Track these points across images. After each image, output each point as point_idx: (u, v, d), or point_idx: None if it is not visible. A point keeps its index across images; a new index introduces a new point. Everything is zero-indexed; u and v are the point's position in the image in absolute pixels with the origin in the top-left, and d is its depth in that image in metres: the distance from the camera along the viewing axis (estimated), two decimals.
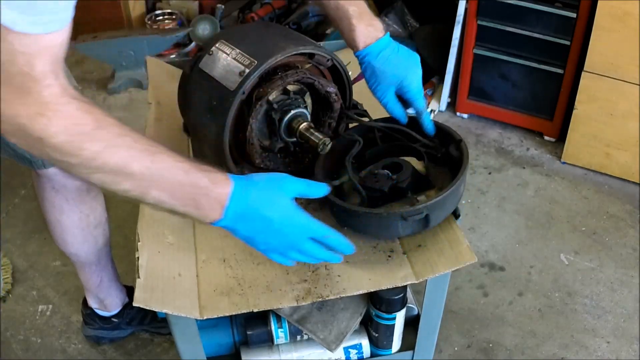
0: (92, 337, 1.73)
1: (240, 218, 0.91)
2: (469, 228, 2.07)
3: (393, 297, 1.21)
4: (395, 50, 1.18)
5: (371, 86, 1.21)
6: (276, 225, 0.92)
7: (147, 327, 1.75)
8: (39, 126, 0.77)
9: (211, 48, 1.16)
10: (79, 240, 1.49)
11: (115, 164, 0.83)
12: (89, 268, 1.58)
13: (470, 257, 1.06)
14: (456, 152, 1.15)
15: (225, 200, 0.89)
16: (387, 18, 2.79)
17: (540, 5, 2.16)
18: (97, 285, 1.62)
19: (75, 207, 1.43)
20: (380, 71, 1.17)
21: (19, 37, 0.73)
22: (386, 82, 1.18)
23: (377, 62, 1.17)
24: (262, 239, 0.94)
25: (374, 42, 1.17)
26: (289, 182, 0.95)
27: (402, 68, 1.17)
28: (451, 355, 1.72)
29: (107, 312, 1.70)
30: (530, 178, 2.28)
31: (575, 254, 1.99)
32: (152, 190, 0.86)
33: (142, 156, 0.84)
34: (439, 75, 2.59)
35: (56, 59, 0.78)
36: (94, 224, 1.48)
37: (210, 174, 0.89)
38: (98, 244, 1.52)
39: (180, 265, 1.11)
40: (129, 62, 2.69)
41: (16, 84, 0.75)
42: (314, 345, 1.28)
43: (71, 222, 1.45)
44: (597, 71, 2.09)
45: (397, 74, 1.17)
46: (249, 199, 0.90)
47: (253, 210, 0.91)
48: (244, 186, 0.90)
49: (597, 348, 1.74)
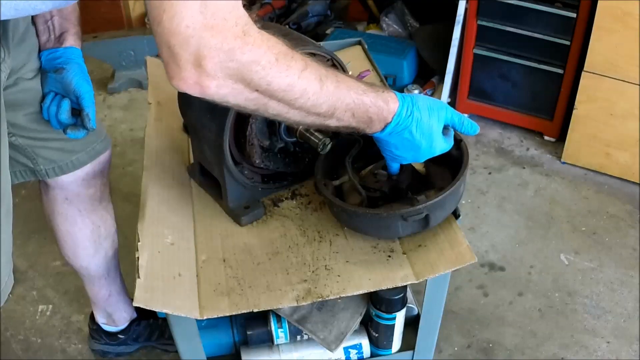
0: (98, 351, 1.72)
1: (394, 133, 1.00)
2: (469, 228, 2.07)
3: (393, 297, 1.21)
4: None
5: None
6: (417, 143, 1.02)
7: (154, 343, 1.73)
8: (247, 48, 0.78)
9: None
10: (89, 253, 1.48)
11: (312, 82, 0.87)
12: (98, 281, 1.56)
13: (470, 257, 1.06)
14: (456, 152, 1.15)
15: (390, 118, 0.98)
16: (387, 18, 2.79)
17: (540, 5, 2.16)
18: (105, 299, 1.61)
19: (87, 218, 1.42)
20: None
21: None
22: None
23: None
24: (401, 152, 1.05)
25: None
26: (446, 111, 1.04)
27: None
28: (451, 355, 1.72)
29: (114, 327, 1.68)
30: (530, 178, 2.28)
31: (575, 254, 1.99)
32: (337, 110, 0.92)
33: (330, 75, 0.90)
34: (439, 75, 2.60)
35: None
36: (104, 235, 1.47)
37: (383, 94, 0.97)
38: (108, 256, 1.52)
39: (180, 265, 1.11)
40: (129, 62, 2.70)
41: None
42: (314, 345, 1.28)
43: (83, 234, 1.44)
44: (597, 71, 2.09)
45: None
46: (408, 119, 0.99)
47: (405, 129, 1.00)
48: (408, 107, 0.99)
49: (597, 348, 1.74)
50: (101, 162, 1.37)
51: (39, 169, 1.28)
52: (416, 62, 2.66)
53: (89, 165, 1.34)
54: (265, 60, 0.80)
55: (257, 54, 0.79)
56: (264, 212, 1.23)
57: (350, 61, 1.60)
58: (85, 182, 1.36)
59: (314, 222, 1.21)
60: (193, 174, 1.31)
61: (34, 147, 1.24)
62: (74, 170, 1.32)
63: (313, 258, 1.13)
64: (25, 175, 1.29)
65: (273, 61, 0.80)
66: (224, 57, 0.76)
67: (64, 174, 1.32)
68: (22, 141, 1.22)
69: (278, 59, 0.81)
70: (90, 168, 1.35)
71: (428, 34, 2.67)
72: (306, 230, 1.19)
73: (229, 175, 1.17)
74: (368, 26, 2.92)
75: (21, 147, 1.23)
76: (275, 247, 1.16)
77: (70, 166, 1.31)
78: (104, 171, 1.40)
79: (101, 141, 1.35)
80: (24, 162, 1.26)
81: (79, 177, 1.34)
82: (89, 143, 1.31)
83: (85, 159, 1.32)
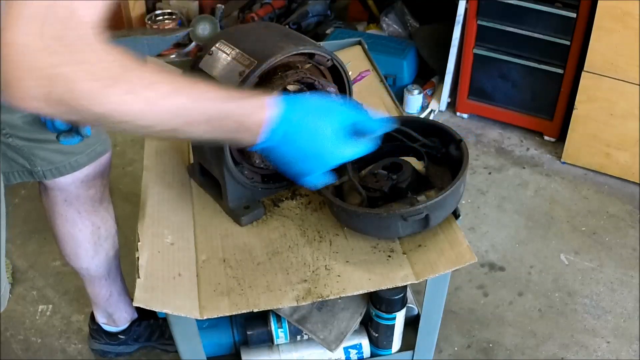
0: (98, 350, 1.72)
1: (277, 142, 0.87)
2: (469, 228, 2.07)
3: (393, 297, 1.21)
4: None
5: None
6: (308, 152, 0.90)
7: (154, 343, 1.73)
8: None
9: (211, 48, 1.16)
10: (90, 254, 1.47)
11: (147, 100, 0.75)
12: (98, 282, 1.56)
13: (470, 257, 1.06)
14: (456, 152, 1.15)
15: (264, 126, 0.85)
16: (387, 18, 2.79)
17: (540, 5, 2.16)
18: (106, 299, 1.60)
19: (87, 219, 1.41)
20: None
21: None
22: None
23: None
24: (295, 163, 0.91)
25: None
26: (342, 113, 0.90)
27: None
28: (451, 355, 1.72)
29: (115, 327, 1.68)
30: (530, 178, 2.28)
31: (575, 254, 1.99)
32: (186, 124, 0.79)
33: (180, 88, 0.78)
34: (439, 75, 2.60)
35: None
36: (104, 235, 1.47)
37: (251, 100, 0.85)
38: (109, 257, 1.51)
39: (180, 265, 1.11)
40: None
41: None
42: (314, 345, 1.28)
43: (83, 235, 1.43)
44: (597, 71, 2.09)
45: None
46: (289, 125, 0.87)
47: (288, 136, 0.87)
48: (288, 112, 0.86)
49: (597, 348, 1.74)
50: (101, 164, 1.36)
51: (36, 171, 1.27)
52: (416, 62, 2.66)
53: (89, 166, 1.33)
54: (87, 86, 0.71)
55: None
56: (264, 212, 1.23)
57: (350, 61, 1.60)
58: (85, 183, 1.36)
59: (314, 222, 1.21)
60: (193, 174, 1.31)
61: (31, 148, 1.23)
62: (72, 172, 1.31)
63: (313, 258, 1.13)
64: (23, 175, 1.28)
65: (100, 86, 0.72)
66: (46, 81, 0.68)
67: (62, 176, 1.31)
68: (19, 142, 1.21)
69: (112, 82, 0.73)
70: (90, 170, 1.34)
71: (428, 34, 2.67)
72: (306, 230, 1.19)
73: (229, 175, 1.17)
74: (368, 26, 2.92)
75: (18, 147, 1.22)
76: (275, 247, 1.16)
77: (68, 168, 1.30)
78: (104, 172, 1.39)
79: (101, 143, 1.34)
80: (22, 162, 1.25)
81: (78, 178, 1.34)
82: (89, 145, 1.30)
83: (84, 160, 1.32)
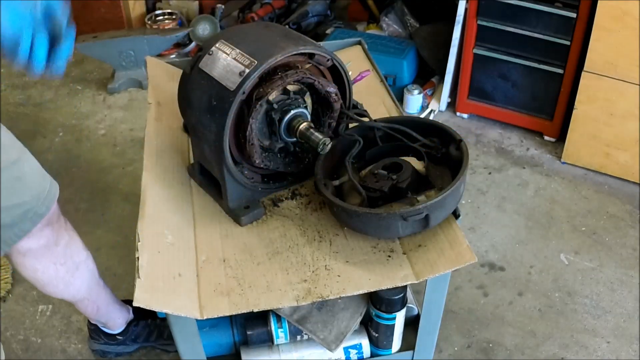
0: (97, 351, 1.71)
1: None
2: (469, 228, 2.06)
3: (393, 297, 1.22)
4: None
5: None
6: None
7: (153, 343, 1.72)
8: None
9: (211, 48, 1.16)
10: (61, 288, 1.41)
11: None
12: (81, 303, 1.52)
13: (470, 257, 1.06)
14: (456, 152, 1.15)
15: None
16: (387, 18, 2.79)
17: (540, 5, 2.16)
18: (95, 313, 1.58)
19: (47, 262, 1.33)
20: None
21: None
22: None
23: None
24: None
25: None
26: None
27: None
28: (451, 355, 1.72)
29: (111, 330, 1.67)
30: (530, 178, 2.28)
31: (575, 254, 1.99)
32: None
33: None
34: (439, 75, 2.60)
35: None
36: (72, 268, 1.39)
37: None
38: (85, 282, 1.45)
39: (180, 265, 1.11)
40: (129, 62, 2.69)
41: None
42: (314, 345, 1.28)
43: (48, 276, 1.36)
44: (597, 71, 2.09)
45: None
46: None
47: None
48: None
49: (597, 348, 1.74)
50: (46, 217, 1.25)
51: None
52: (416, 62, 2.66)
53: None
54: None
55: None
56: (264, 212, 1.23)
57: (350, 61, 1.60)
58: (33, 239, 1.27)
59: (314, 222, 1.21)
60: (193, 174, 1.31)
61: None
62: (17, 242, 1.22)
63: (313, 258, 1.13)
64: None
65: None
66: None
67: (8, 248, 1.22)
68: None
69: None
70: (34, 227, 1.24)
71: (428, 34, 2.67)
72: (306, 230, 1.19)
73: (229, 175, 1.17)
74: (368, 26, 2.92)
75: None
76: (275, 247, 1.16)
77: (14, 239, 1.21)
78: (51, 219, 1.28)
79: (43, 200, 1.22)
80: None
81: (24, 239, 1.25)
82: (27, 211, 1.19)
83: (28, 226, 1.21)
